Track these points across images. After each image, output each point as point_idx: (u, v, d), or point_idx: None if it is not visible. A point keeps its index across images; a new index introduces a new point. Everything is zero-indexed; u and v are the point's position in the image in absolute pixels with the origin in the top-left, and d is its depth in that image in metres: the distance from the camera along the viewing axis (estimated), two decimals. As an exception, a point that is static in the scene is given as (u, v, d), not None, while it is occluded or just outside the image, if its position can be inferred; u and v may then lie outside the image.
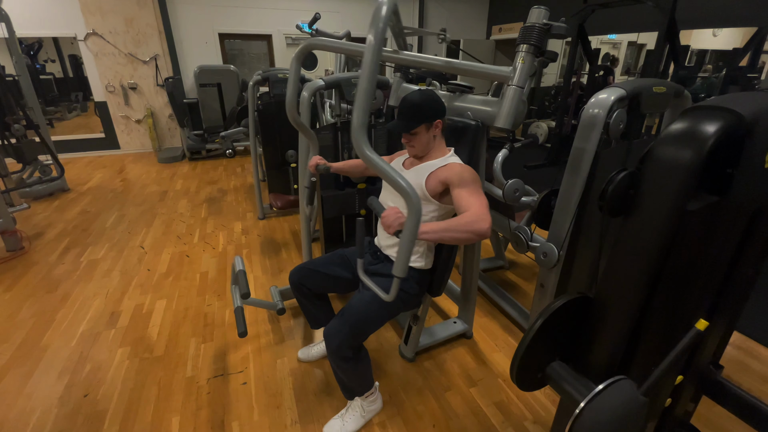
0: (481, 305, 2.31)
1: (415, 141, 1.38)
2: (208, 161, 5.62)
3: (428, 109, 1.34)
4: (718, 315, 0.92)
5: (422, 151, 1.41)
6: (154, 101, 5.98)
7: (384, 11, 0.92)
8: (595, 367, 0.90)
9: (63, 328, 2.11)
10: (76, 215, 3.64)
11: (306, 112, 1.90)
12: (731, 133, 0.69)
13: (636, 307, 0.81)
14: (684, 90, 1.55)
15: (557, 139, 3.86)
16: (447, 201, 1.37)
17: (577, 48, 3.66)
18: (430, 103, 1.34)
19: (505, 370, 1.84)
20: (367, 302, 1.41)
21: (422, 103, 1.33)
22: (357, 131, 0.94)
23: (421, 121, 1.34)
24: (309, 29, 3.24)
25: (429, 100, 1.34)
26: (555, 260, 1.56)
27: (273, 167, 3.14)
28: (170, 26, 5.63)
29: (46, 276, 2.61)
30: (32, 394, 1.70)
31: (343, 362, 1.39)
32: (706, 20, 4.32)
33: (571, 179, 1.44)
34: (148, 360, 1.89)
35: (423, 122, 1.34)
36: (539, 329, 0.88)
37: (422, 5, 6.98)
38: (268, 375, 1.81)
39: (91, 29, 5.36)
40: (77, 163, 5.47)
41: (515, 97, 1.31)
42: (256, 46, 6.48)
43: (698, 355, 0.98)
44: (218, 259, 2.85)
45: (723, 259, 0.84)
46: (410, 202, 0.97)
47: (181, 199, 4.08)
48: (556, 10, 1.41)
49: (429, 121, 1.35)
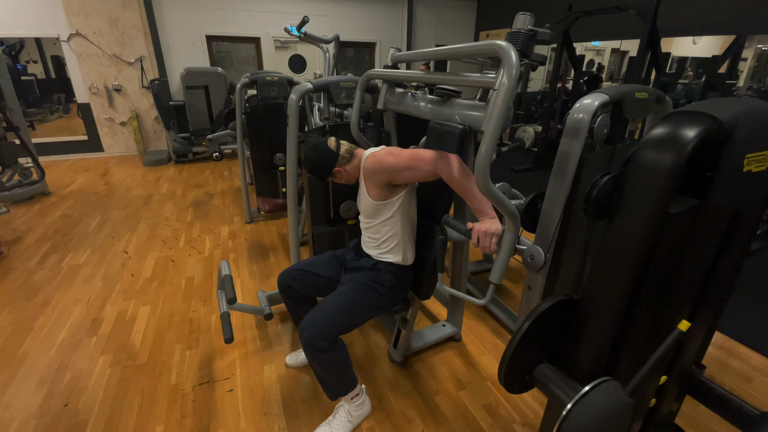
0: (469, 308, 2.32)
1: (337, 181, 1.53)
2: (195, 164, 5.54)
3: (323, 167, 1.47)
4: (700, 316, 0.94)
5: (349, 180, 1.53)
6: (140, 103, 5.88)
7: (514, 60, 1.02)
8: (581, 368, 0.90)
9: (42, 336, 2.05)
10: (57, 219, 3.54)
11: (294, 115, 1.89)
12: (710, 137, 0.71)
13: (620, 308, 0.82)
14: (665, 96, 1.58)
15: (543, 143, 3.92)
16: (399, 190, 1.45)
17: (562, 54, 3.73)
18: (319, 163, 1.46)
19: (493, 373, 1.85)
20: (341, 294, 1.47)
21: (316, 163, 1.47)
22: (484, 161, 1.09)
23: (326, 176, 1.49)
24: (297, 32, 3.23)
25: (316, 161, 1.47)
26: (542, 263, 1.57)
27: (261, 170, 3.11)
28: (156, 27, 5.55)
29: (25, 282, 2.54)
30: (10, 404, 1.64)
31: (318, 353, 1.37)
32: (686, 28, 4.45)
33: (556, 183, 1.46)
34: (131, 368, 1.85)
35: (327, 176, 1.49)
36: (526, 332, 0.88)
37: (411, 10, 7.04)
38: (255, 381, 1.78)
39: (74, 30, 5.26)
40: (59, 166, 5.34)
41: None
42: (244, 48, 6.44)
43: (681, 356, 0.99)
44: (204, 263, 2.81)
45: (704, 261, 0.86)
46: (516, 222, 1.24)
47: (166, 203, 4.01)
48: (542, 17, 1.43)
49: (328, 175, 1.48)
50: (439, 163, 1.29)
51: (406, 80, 1.69)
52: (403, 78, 1.68)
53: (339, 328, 1.40)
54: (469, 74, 1.36)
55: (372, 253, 1.56)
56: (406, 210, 1.48)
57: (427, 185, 1.60)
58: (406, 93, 1.74)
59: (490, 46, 1.10)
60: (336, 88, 2.00)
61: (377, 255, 1.54)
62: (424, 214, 1.61)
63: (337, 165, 1.46)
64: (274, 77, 2.97)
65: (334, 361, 1.42)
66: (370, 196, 1.46)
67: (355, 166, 1.49)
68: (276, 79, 2.97)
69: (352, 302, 1.45)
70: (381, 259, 1.53)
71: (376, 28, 7.01)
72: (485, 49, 1.15)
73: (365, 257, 1.59)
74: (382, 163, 1.38)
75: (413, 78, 1.61)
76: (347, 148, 1.49)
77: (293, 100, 1.87)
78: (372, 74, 1.78)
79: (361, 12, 6.78)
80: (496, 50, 1.06)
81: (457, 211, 1.76)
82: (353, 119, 1.87)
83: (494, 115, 1.06)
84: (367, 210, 1.50)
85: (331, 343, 1.38)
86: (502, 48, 1.04)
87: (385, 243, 1.51)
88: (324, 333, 1.36)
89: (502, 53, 1.04)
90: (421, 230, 1.60)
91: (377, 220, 1.49)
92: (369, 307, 1.49)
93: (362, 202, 1.52)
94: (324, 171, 1.47)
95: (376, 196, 1.44)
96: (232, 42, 6.32)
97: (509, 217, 1.24)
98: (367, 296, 1.48)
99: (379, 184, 1.42)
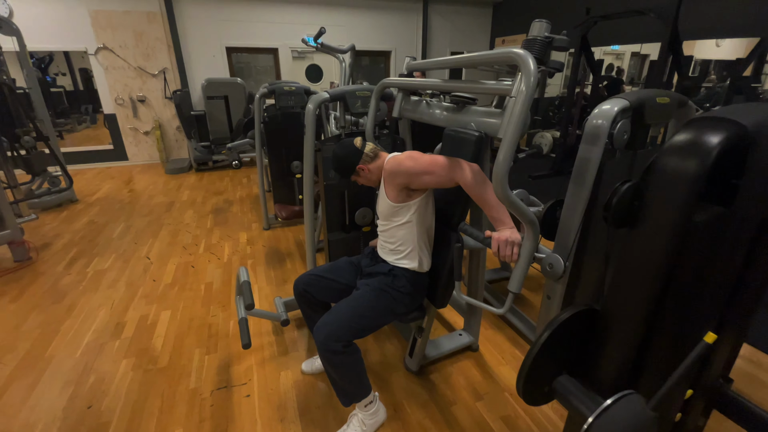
0: (486, 317, 2.29)
1: (359, 180, 1.57)
2: (215, 172, 5.67)
3: (348, 164, 1.52)
4: (727, 327, 0.91)
5: (371, 181, 1.56)
6: (162, 113, 6.08)
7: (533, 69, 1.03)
8: (603, 381, 0.88)
9: (68, 339, 2.12)
10: (84, 226, 3.68)
11: (311, 124, 1.92)
12: (735, 143, 0.69)
13: (643, 319, 0.79)
14: (688, 100, 1.55)
15: (562, 149, 3.85)
16: (417, 195, 1.46)
17: (580, 59, 3.68)
18: (345, 159, 1.52)
19: (511, 384, 1.82)
20: (357, 297, 1.49)
21: (342, 159, 1.52)
22: (502, 168, 1.08)
23: (350, 173, 1.54)
24: (314, 43, 3.29)
25: (342, 157, 1.52)
26: (561, 271, 1.54)
27: (278, 178, 3.17)
28: (179, 40, 5.75)
29: (52, 286, 2.63)
30: (36, 406, 1.70)
31: (332, 355, 1.37)
32: (708, 31, 4.33)
33: (576, 190, 1.44)
34: (152, 371, 1.89)
35: (351, 173, 1.54)
36: (546, 342, 0.87)
37: (426, 18, 7.09)
38: (272, 387, 1.80)
39: (101, 44, 5.49)
40: (86, 174, 5.55)
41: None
42: (262, 59, 6.59)
43: (708, 369, 0.96)
44: (223, 269, 2.86)
45: (731, 271, 0.83)
46: (535, 230, 1.22)
47: (187, 209, 4.11)
48: (559, 22, 1.43)
49: (352, 172, 1.53)
50: (457, 170, 1.29)
51: (421, 88, 1.70)
52: (417, 86, 1.69)
53: (353, 331, 1.41)
54: (485, 81, 1.36)
55: (388, 258, 1.56)
56: (422, 215, 1.48)
57: (443, 191, 1.60)
58: (421, 101, 1.75)
59: (507, 54, 1.10)
60: (352, 97, 2.02)
61: (393, 260, 1.54)
62: (439, 220, 1.60)
63: (361, 162, 1.50)
64: (292, 87, 3.03)
65: (348, 364, 1.42)
66: (388, 198, 1.47)
67: (378, 166, 1.51)
68: (293, 89, 3.03)
69: (368, 306, 1.46)
70: (397, 265, 1.53)
71: (391, 37, 7.08)
72: (503, 57, 1.15)
73: (381, 262, 1.59)
74: (401, 165, 1.40)
75: (428, 86, 1.62)
76: (372, 147, 1.54)
77: (310, 110, 1.90)
78: (387, 83, 1.80)
79: (377, 21, 6.86)
80: (514, 58, 1.06)
81: (473, 218, 1.75)
82: (368, 127, 1.89)
83: (512, 122, 1.06)
84: (385, 211, 1.52)
85: (346, 346, 1.38)
86: (520, 56, 1.04)
87: (401, 248, 1.52)
88: (338, 335, 1.37)
89: (519, 61, 1.04)
90: (437, 237, 1.60)
91: (393, 223, 1.50)
92: (384, 313, 1.49)
93: (380, 203, 1.54)
94: (349, 167, 1.52)
95: (394, 197, 1.46)
96: (251, 53, 6.48)
97: (528, 225, 1.22)
98: (383, 301, 1.48)
99: (397, 187, 1.43)
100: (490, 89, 1.31)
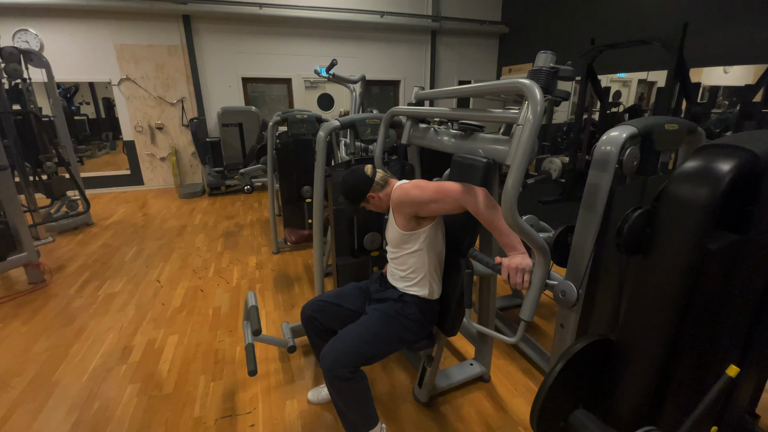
0: (498, 346, 2.23)
1: (369, 207, 1.57)
2: (227, 196, 5.78)
3: (359, 191, 1.52)
4: (751, 360, 0.87)
5: (380, 208, 1.56)
6: (179, 140, 6.27)
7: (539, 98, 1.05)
8: (621, 416, 0.84)
9: (75, 363, 2.11)
10: (98, 249, 3.74)
11: (322, 151, 1.96)
12: (747, 171, 0.69)
13: (660, 351, 0.77)
14: (697, 127, 1.55)
15: (571, 174, 3.85)
16: (426, 222, 1.45)
17: (587, 86, 3.73)
18: (355, 186, 1.52)
19: (525, 417, 1.74)
20: (365, 323, 1.46)
21: (353, 186, 1.53)
22: (511, 195, 1.07)
23: (360, 200, 1.54)
24: (326, 74, 3.41)
25: (353, 184, 1.52)
26: (574, 299, 1.51)
27: (289, 202, 3.21)
28: (197, 71, 6.01)
29: (63, 309, 2.65)
30: (40, 430, 1.68)
31: (339, 381, 1.34)
32: (715, 58, 4.38)
33: (586, 216, 1.42)
34: (156, 398, 1.86)
35: (360, 201, 1.54)
36: (560, 373, 0.84)
37: (434, 49, 7.31)
38: (277, 417, 1.75)
39: (125, 75, 5.76)
40: (102, 198, 5.69)
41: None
42: (276, 88, 6.82)
43: (732, 404, 0.91)
44: (231, 293, 2.86)
45: (751, 299, 0.80)
46: (546, 256, 1.19)
47: (199, 233, 4.16)
48: (565, 51, 1.46)
49: (362, 200, 1.54)
50: (466, 195, 1.30)
51: (429, 116, 1.73)
52: (426, 114, 1.73)
53: (361, 357, 1.38)
54: (493, 110, 1.38)
55: (398, 285, 1.55)
56: (432, 242, 1.48)
57: (452, 218, 1.60)
58: (429, 128, 1.78)
59: (514, 84, 1.12)
60: (362, 125, 2.07)
61: (403, 288, 1.53)
62: (449, 247, 1.59)
63: (372, 190, 1.51)
64: (304, 115, 3.12)
65: (354, 392, 1.38)
66: (397, 226, 1.47)
67: (388, 194, 1.52)
68: (305, 117, 3.12)
69: (376, 332, 1.43)
70: (407, 292, 1.52)
71: (401, 67, 7.29)
72: (510, 87, 1.18)
73: (391, 288, 1.58)
74: (408, 195, 1.41)
75: (436, 114, 1.65)
76: (382, 175, 1.55)
77: (321, 137, 1.95)
78: (396, 111, 1.84)
79: (386, 52, 7.09)
80: (521, 88, 1.08)
81: (483, 244, 1.73)
82: (377, 153, 1.92)
83: (519, 149, 1.07)
84: (395, 239, 1.51)
85: (352, 372, 1.35)
86: (526, 86, 1.07)
87: (412, 275, 1.51)
88: (345, 361, 1.34)
89: (526, 91, 1.06)
90: (447, 264, 1.58)
91: (404, 251, 1.50)
92: (392, 340, 1.47)
93: (390, 231, 1.54)
94: (359, 195, 1.52)
95: (403, 226, 1.46)
96: (265, 83, 6.72)
97: (539, 252, 1.21)
98: (391, 328, 1.46)
99: (405, 216, 1.44)
100: (498, 117, 1.33)
